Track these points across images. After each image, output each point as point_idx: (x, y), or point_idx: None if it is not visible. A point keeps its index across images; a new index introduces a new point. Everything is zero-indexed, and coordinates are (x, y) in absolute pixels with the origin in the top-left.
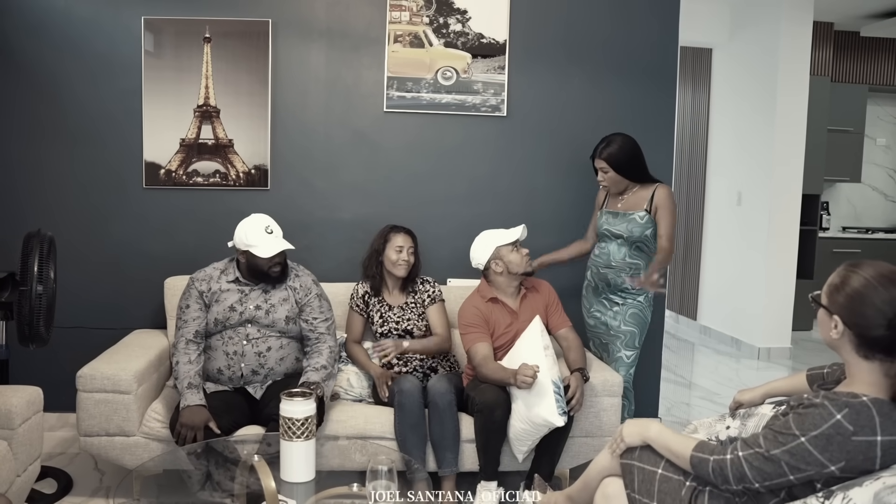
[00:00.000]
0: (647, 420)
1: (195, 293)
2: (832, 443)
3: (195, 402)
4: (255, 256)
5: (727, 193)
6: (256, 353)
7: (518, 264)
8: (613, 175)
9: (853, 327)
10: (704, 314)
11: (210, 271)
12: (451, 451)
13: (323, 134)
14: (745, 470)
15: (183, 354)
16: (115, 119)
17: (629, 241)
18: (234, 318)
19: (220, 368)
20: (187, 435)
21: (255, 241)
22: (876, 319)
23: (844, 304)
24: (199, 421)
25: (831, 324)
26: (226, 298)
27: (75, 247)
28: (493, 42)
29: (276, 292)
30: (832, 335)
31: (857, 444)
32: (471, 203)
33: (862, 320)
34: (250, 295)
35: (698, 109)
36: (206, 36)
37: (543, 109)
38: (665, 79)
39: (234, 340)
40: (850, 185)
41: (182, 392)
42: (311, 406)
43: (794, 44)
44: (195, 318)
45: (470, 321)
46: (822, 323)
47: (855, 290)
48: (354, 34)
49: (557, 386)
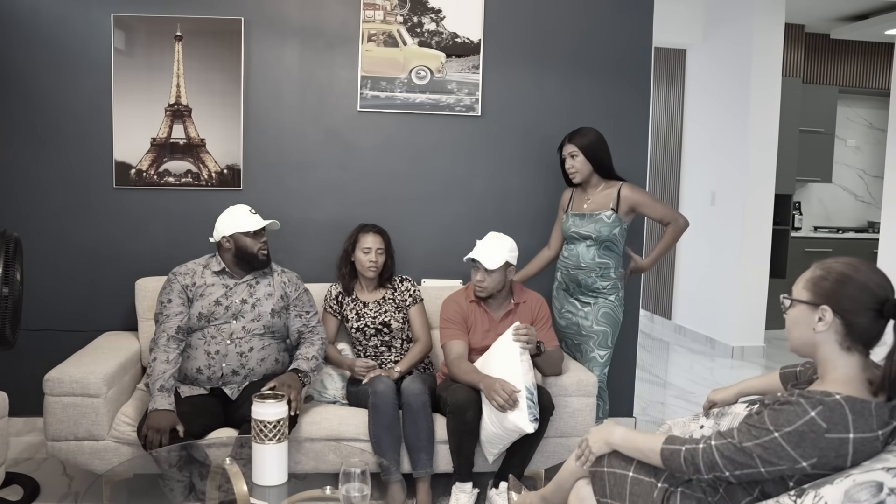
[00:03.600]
0: (609, 426)
1: (178, 287)
2: (805, 439)
3: (163, 407)
4: (244, 237)
5: (701, 193)
6: (238, 353)
7: (474, 282)
8: (582, 160)
9: (842, 313)
10: (679, 313)
11: (192, 266)
12: (426, 452)
13: (296, 133)
14: (717, 458)
15: (162, 352)
16: (85, 118)
17: (598, 241)
18: (219, 313)
19: (199, 368)
20: (153, 439)
21: (242, 221)
22: (866, 301)
23: (833, 290)
24: (165, 425)
25: (815, 317)
26: (211, 293)
27: (43, 248)
28: (468, 41)
29: (261, 287)
30: (817, 329)
31: (829, 441)
32: (445, 203)
33: (851, 304)
34: (235, 289)
35: (672, 110)
36: (177, 34)
37: (518, 109)
38: (639, 78)
39: (217, 339)
40: (821, 186)
41: (152, 394)
42: (283, 408)
43: (767, 45)
44: (178, 314)
45: (449, 316)
46: (798, 322)
47: (842, 274)
48: (328, 33)
49: (531, 392)
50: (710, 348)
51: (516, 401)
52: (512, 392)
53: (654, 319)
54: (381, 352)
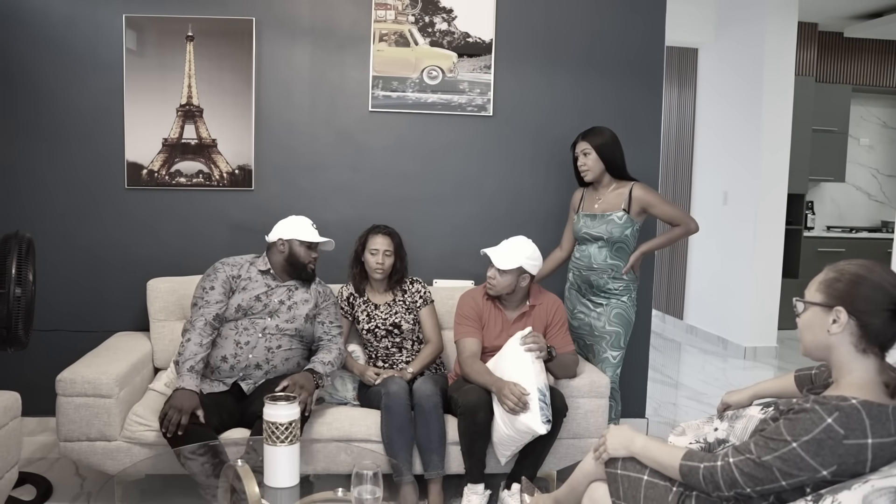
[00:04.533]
0: (631, 432)
1: (223, 276)
2: (823, 447)
3: (190, 387)
4: (300, 246)
5: (713, 193)
6: (266, 348)
7: (487, 277)
8: (594, 158)
9: (857, 314)
10: (691, 314)
11: (239, 260)
12: (437, 453)
13: (308, 134)
14: (737, 476)
15: (197, 335)
16: (97, 118)
17: (609, 242)
18: (257, 308)
19: (225, 356)
20: (173, 417)
21: (302, 231)
22: (880, 302)
23: (847, 291)
24: (188, 405)
25: (829, 319)
26: (253, 288)
27: (55, 248)
28: (479, 41)
29: (299, 292)
30: (831, 331)
31: (848, 447)
32: (457, 203)
33: (866, 304)
34: (276, 290)
35: (684, 109)
36: (188, 34)
37: (529, 109)
38: (651, 78)
39: (250, 331)
40: (834, 185)
41: (180, 373)
42: (295, 410)
43: (779, 44)
44: (218, 301)
45: (465, 312)
46: (811, 325)
47: (856, 275)
48: (339, 33)
49: (543, 394)
50: (722, 349)
51: (527, 404)
52: (522, 395)
53: (665, 319)
54: (392, 353)
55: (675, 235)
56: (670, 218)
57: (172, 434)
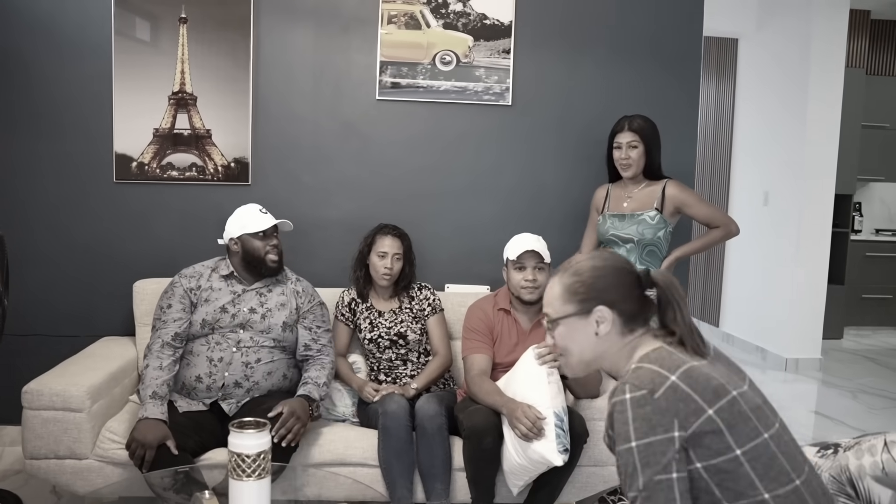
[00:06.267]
0: None
1: (180, 291)
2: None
3: (154, 416)
4: (252, 238)
5: (753, 193)
6: (244, 363)
7: (515, 286)
8: (642, 151)
9: (614, 305)
10: (727, 321)
11: (199, 268)
12: (441, 480)
13: (310, 124)
14: None
15: (155, 358)
16: (83, 107)
17: (640, 244)
18: (225, 321)
19: (199, 376)
20: (136, 452)
21: (249, 220)
22: (627, 283)
23: (595, 286)
24: (152, 438)
25: (591, 322)
26: (216, 298)
27: (37, 246)
28: (498, 23)
29: (272, 296)
30: (600, 332)
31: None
32: (472, 200)
33: (618, 292)
34: (244, 296)
35: (723, 103)
36: (181, 16)
37: (552, 98)
38: (687, 68)
39: (223, 346)
40: (884, 185)
41: (143, 401)
42: (266, 440)
43: (828, 33)
44: (176, 319)
45: (473, 325)
46: (573, 339)
47: (595, 268)
48: (344, 14)
49: (560, 419)
50: (761, 359)
51: (542, 429)
52: (536, 419)
53: (700, 327)
54: (395, 366)
55: (713, 238)
56: (708, 219)
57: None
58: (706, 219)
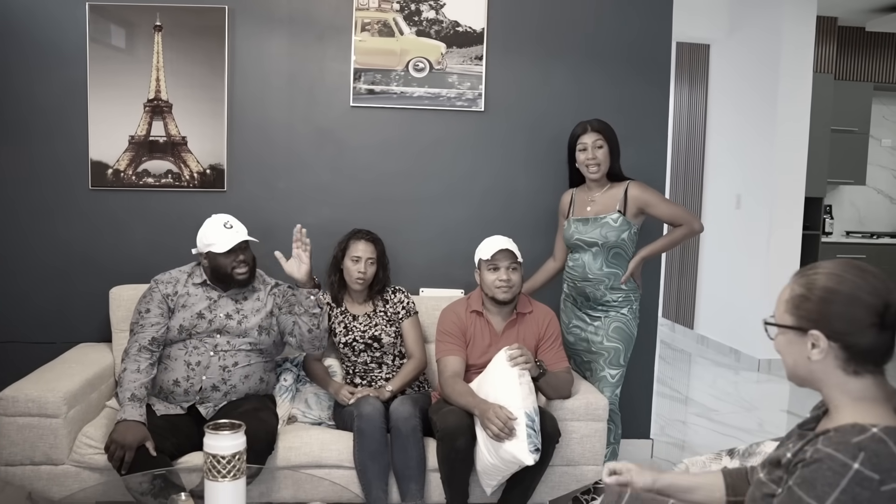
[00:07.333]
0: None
1: (158, 296)
2: (859, 501)
3: (133, 418)
4: (216, 256)
5: (725, 196)
6: (221, 367)
7: (489, 286)
8: (607, 151)
9: (837, 337)
10: (702, 323)
11: (176, 274)
12: (416, 481)
13: (285, 131)
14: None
15: (132, 362)
16: (58, 114)
17: (605, 247)
18: (202, 326)
19: (177, 380)
20: (115, 453)
21: (214, 239)
22: (861, 317)
23: (820, 311)
24: (131, 439)
25: (807, 344)
26: (193, 304)
27: (13, 253)
28: (470, 31)
29: (248, 302)
30: (812, 357)
31: (887, 494)
32: (446, 206)
33: (845, 324)
34: (219, 302)
35: (695, 108)
36: (156, 24)
37: (525, 104)
38: (658, 74)
39: (200, 350)
40: (853, 188)
41: (122, 403)
42: (241, 441)
43: (797, 39)
44: (154, 324)
45: (446, 328)
46: (790, 350)
47: (825, 290)
48: (318, 22)
49: (531, 419)
50: (734, 360)
51: (513, 429)
52: (508, 420)
53: (675, 329)
54: (371, 369)
55: (677, 237)
56: (671, 217)
57: (117, 469)
58: (669, 218)
